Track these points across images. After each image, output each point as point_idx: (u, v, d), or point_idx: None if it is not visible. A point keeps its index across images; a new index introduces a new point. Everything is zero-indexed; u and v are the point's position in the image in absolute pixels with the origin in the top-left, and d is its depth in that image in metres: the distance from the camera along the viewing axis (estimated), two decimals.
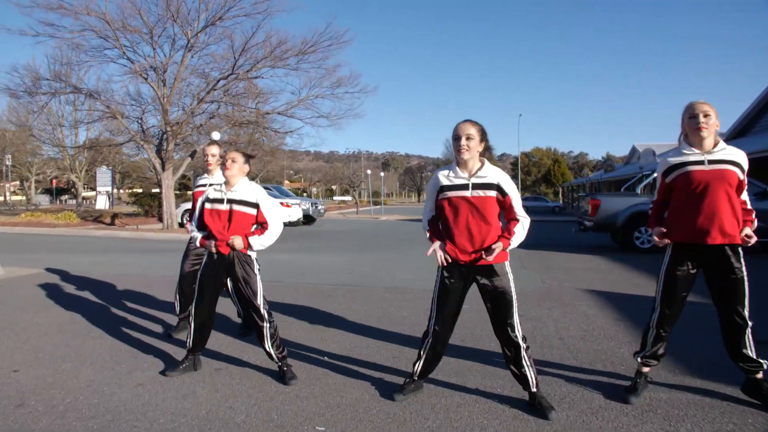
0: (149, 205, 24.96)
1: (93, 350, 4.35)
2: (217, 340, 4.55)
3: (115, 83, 38.36)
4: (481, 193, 3.12)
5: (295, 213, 21.32)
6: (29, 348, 4.40)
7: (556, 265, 9.98)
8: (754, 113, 22.84)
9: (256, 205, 3.73)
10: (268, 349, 3.68)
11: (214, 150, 4.79)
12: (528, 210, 3.47)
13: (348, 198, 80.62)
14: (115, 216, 23.18)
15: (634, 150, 41.82)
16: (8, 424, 2.96)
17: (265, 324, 3.68)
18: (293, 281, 7.90)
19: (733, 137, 24.53)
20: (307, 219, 23.68)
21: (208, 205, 3.77)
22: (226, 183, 3.77)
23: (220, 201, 3.72)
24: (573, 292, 7.07)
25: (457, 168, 3.18)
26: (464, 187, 3.13)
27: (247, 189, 3.74)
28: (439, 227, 3.29)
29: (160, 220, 20.67)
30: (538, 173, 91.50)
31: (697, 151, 3.24)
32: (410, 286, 7.59)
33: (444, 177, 3.21)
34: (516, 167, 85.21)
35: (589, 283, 7.78)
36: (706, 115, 3.22)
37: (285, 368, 3.70)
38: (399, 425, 2.97)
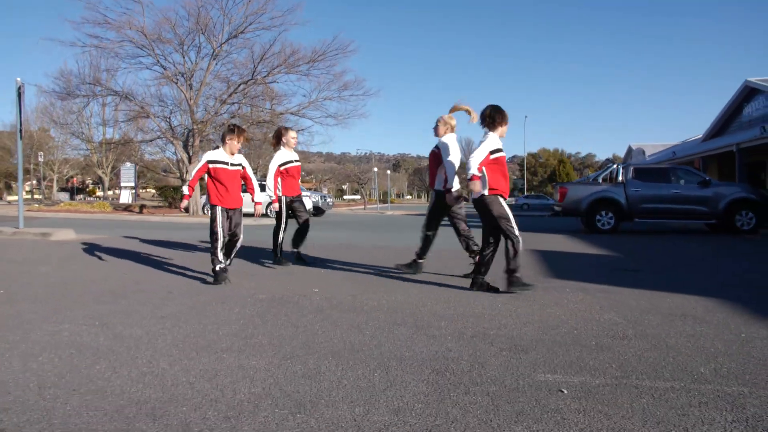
0: (173, 197, 27.32)
1: (167, 281, 6.55)
2: (249, 265, 6.75)
3: (146, 86, 40.89)
4: None
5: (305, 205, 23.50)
6: (117, 274, 6.61)
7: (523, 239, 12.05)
8: (728, 114, 24.67)
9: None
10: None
11: (293, 133, 7.04)
12: (530, 207, 5.78)
13: (357, 197, 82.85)
14: (143, 206, 25.57)
15: (629, 150, 43.67)
16: (122, 305, 5.15)
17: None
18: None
19: (710, 137, 26.39)
20: (317, 211, 25.85)
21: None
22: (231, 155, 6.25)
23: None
24: None
25: None
26: None
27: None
28: None
29: (185, 210, 22.98)
30: (544, 173, 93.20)
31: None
32: (391, 245, 9.76)
33: None
34: (523, 168, 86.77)
35: (534, 246, 9.86)
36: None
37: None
38: (369, 288, 5.12)
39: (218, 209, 5.84)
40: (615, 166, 15.15)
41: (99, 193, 70.37)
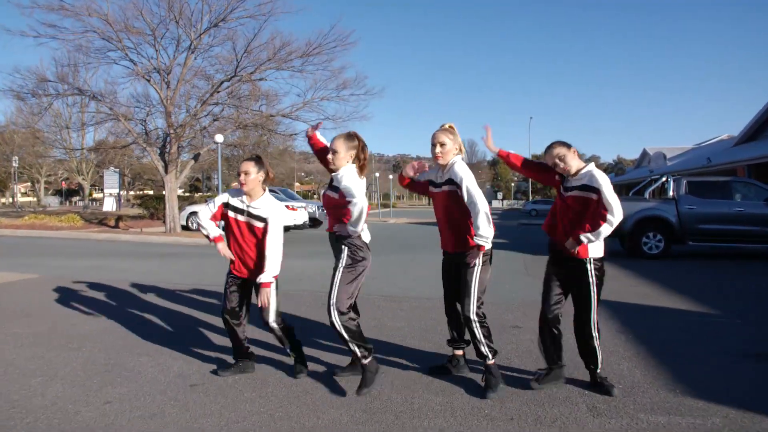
0: (155, 208, 24.87)
1: (66, 363, 4.17)
2: (198, 354, 4.37)
3: (121, 85, 38.32)
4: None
5: (301, 216, 21.12)
6: (0, 361, 4.23)
7: None
8: (765, 117, 22.39)
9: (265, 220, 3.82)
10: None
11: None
12: (538, 213, 3.45)
13: None
14: (119, 219, 23.16)
15: (644, 153, 41.37)
16: None
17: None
18: (289, 288, 7.70)
19: (744, 141, 24.12)
20: (314, 222, 23.50)
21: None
22: (248, 195, 3.86)
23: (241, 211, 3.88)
24: None
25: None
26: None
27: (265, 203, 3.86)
28: None
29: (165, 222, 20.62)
30: None
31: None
32: (409, 294, 7.37)
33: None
34: None
35: None
36: (442, 144, 3.56)
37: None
38: None
39: (226, 275, 3.98)
40: (664, 178, 12.80)
41: (96, 195, 67.82)
